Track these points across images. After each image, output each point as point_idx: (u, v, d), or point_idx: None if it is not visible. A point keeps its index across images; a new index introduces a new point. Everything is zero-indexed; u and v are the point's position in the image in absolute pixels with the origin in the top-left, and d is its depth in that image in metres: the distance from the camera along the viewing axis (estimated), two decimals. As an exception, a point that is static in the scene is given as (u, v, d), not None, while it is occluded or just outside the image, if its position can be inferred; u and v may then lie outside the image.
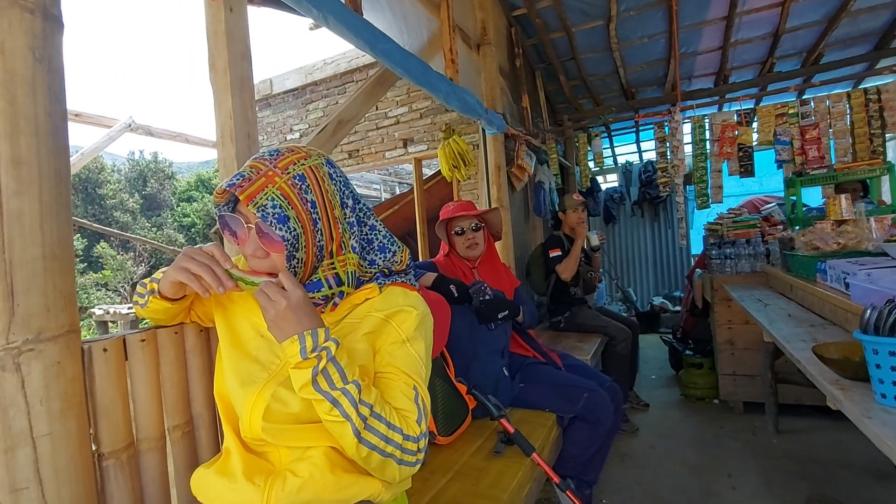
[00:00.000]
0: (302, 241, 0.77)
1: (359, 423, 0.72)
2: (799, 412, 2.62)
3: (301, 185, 0.77)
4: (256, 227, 0.77)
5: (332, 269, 0.83)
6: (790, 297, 2.12)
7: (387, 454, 0.74)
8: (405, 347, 0.83)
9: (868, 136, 2.96)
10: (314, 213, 0.78)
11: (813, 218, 2.47)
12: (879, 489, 1.93)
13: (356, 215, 0.86)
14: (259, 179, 0.75)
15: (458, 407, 1.54)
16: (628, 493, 2.08)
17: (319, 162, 0.82)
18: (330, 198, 0.81)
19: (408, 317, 0.85)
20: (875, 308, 0.90)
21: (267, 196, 0.74)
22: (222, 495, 0.80)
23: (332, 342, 0.73)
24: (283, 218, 0.74)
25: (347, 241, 0.84)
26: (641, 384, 3.39)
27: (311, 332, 0.72)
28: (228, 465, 0.82)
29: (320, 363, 0.71)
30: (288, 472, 0.78)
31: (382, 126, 4.12)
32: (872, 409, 0.89)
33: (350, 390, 0.72)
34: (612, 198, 6.39)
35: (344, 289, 0.84)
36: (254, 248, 0.78)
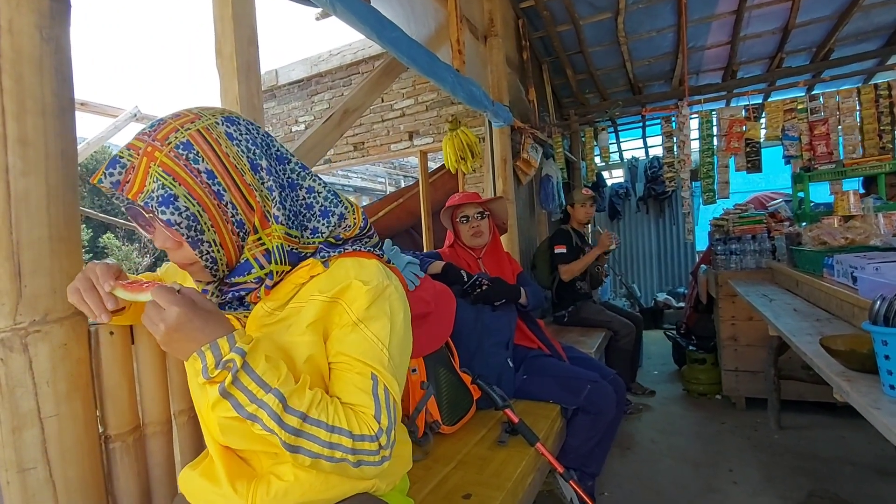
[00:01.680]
0: (205, 219, 0.65)
1: (287, 436, 0.63)
2: (801, 408, 2.62)
3: (187, 154, 0.64)
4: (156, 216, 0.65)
5: (260, 246, 0.71)
6: (796, 293, 2.10)
7: (336, 460, 0.65)
8: (357, 330, 0.72)
9: (877, 131, 2.93)
10: (213, 184, 0.65)
11: (820, 213, 2.45)
12: (883, 485, 1.93)
13: (281, 178, 0.72)
14: (141, 162, 0.64)
15: (463, 397, 1.55)
16: (630, 487, 2.08)
17: (212, 122, 0.68)
18: (233, 162, 0.67)
19: (358, 293, 0.72)
20: (885, 299, 0.90)
21: (152, 178, 0.63)
22: (206, 498, 0.77)
23: (236, 354, 0.62)
24: (168, 199, 0.62)
25: (270, 210, 0.70)
26: (644, 379, 3.39)
27: (211, 345, 0.61)
28: (213, 466, 0.78)
29: (227, 378, 0.61)
30: (271, 475, 0.74)
31: (388, 118, 4.11)
32: (880, 400, 0.89)
33: (269, 402, 0.62)
34: (617, 193, 6.37)
35: (273, 267, 0.71)
36: (162, 240, 0.68)
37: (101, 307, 0.68)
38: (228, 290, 0.73)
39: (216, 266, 0.69)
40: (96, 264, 0.72)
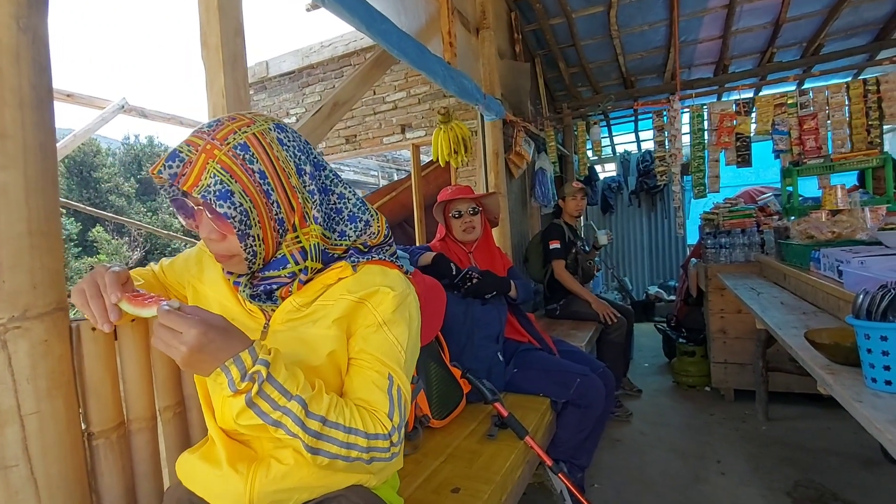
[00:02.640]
0: (254, 216, 0.70)
1: (310, 439, 0.66)
2: (789, 400, 2.65)
3: (244, 155, 0.70)
4: (205, 207, 0.70)
5: (297, 244, 0.76)
6: (783, 286, 2.12)
7: (352, 459, 0.69)
8: (381, 331, 0.77)
9: (865, 126, 2.95)
10: (264, 183, 0.71)
11: (808, 207, 2.47)
12: (866, 475, 1.96)
13: (319, 183, 0.78)
14: (199, 158, 0.68)
15: (453, 391, 1.55)
16: (619, 478, 2.10)
17: (266, 127, 0.73)
18: (283, 165, 0.73)
19: (385, 298, 0.78)
20: (868, 293, 0.90)
21: (209, 174, 0.67)
22: (207, 481, 0.78)
23: (260, 366, 0.64)
24: (225, 194, 0.67)
25: (310, 212, 0.76)
26: (635, 371, 3.42)
27: (234, 360, 0.63)
28: (213, 451, 0.80)
29: (254, 388, 0.64)
30: (272, 458, 0.76)
31: (380, 111, 4.07)
32: (863, 393, 0.90)
33: (292, 409, 0.65)
34: (609, 187, 6.38)
35: (308, 264, 0.77)
36: (208, 231, 0.72)
37: (104, 317, 0.71)
38: (260, 282, 0.77)
39: (255, 260, 0.73)
40: (105, 270, 0.74)
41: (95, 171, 14.05)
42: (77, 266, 12.27)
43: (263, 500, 0.74)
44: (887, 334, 0.86)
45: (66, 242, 12.17)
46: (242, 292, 0.78)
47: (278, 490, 0.74)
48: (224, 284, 0.84)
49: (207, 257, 0.88)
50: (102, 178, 14.06)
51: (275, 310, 0.79)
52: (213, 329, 0.62)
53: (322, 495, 0.77)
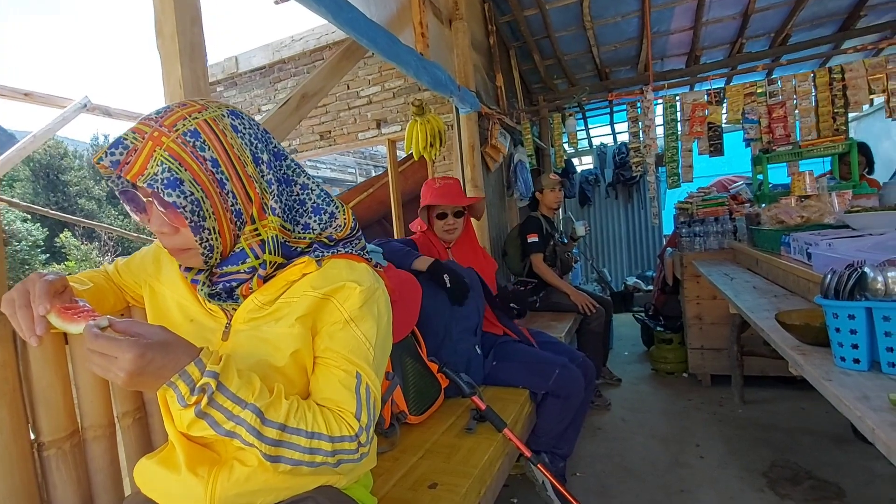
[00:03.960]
0: (207, 206, 0.66)
1: (267, 448, 0.63)
2: (763, 383, 2.70)
3: (195, 141, 0.66)
4: (154, 198, 0.66)
5: (256, 237, 0.72)
6: (755, 271, 2.16)
7: (317, 464, 0.67)
8: (348, 328, 0.74)
9: (831, 114, 3.02)
10: (217, 172, 0.67)
11: (778, 194, 2.52)
12: (838, 453, 2.01)
13: (279, 173, 0.75)
14: (145, 146, 0.64)
15: (430, 386, 1.53)
16: (601, 466, 2.11)
17: (219, 114, 0.70)
18: (237, 153, 0.69)
19: (351, 293, 0.75)
20: (836, 273, 0.91)
21: (156, 161, 0.63)
22: (166, 487, 0.75)
23: (209, 378, 0.60)
24: (174, 182, 0.63)
25: (268, 202, 0.72)
26: (614, 361, 3.45)
27: (181, 375, 0.59)
28: (172, 455, 0.76)
29: (203, 401, 0.60)
30: (235, 461, 0.73)
31: (354, 106, 4.02)
32: (832, 371, 0.91)
33: (246, 418, 0.62)
34: (587, 180, 6.44)
35: (267, 257, 0.73)
36: (159, 224, 0.68)
37: (31, 330, 0.66)
38: (219, 279, 0.74)
39: (211, 254, 0.69)
40: (39, 278, 0.68)
41: (63, 174, 13.60)
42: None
43: (226, 503, 0.71)
44: (854, 313, 0.87)
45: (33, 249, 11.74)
46: (201, 291, 0.74)
47: (241, 493, 0.71)
48: (182, 283, 0.79)
49: (165, 255, 0.84)
50: (71, 181, 13.62)
51: (236, 309, 0.75)
52: (150, 349, 0.58)
53: (289, 498, 0.74)
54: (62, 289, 0.70)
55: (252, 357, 0.72)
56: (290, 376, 0.74)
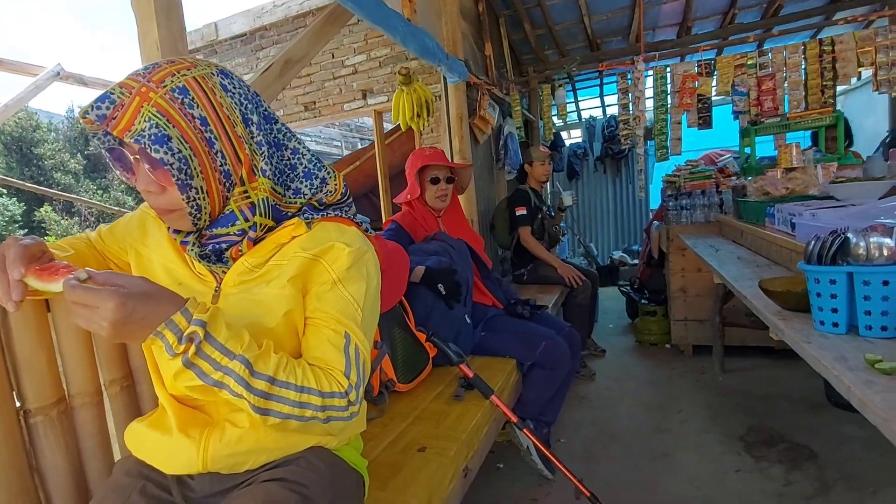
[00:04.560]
0: (195, 164, 0.65)
1: (256, 399, 0.63)
2: (744, 353, 2.78)
3: (183, 98, 0.64)
4: (141, 155, 0.64)
5: (246, 199, 0.71)
6: (740, 243, 2.19)
7: (306, 419, 0.66)
8: (336, 289, 0.74)
9: (820, 87, 3.03)
10: (206, 131, 0.66)
11: (765, 166, 2.54)
12: (812, 417, 2.09)
13: (269, 136, 0.74)
14: (133, 102, 0.62)
15: (418, 355, 1.54)
16: (586, 432, 2.17)
17: (208, 72, 0.68)
18: (226, 112, 0.68)
19: (340, 254, 0.75)
20: (819, 239, 0.93)
21: (143, 117, 0.62)
22: (157, 448, 0.75)
23: (197, 326, 0.60)
24: (161, 138, 0.62)
25: (258, 164, 0.71)
26: (599, 333, 3.51)
27: (167, 324, 0.58)
28: (163, 418, 0.77)
29: (191, 350, 0.60)
30: (227, 422, 0.73)
31: (339, 76, 3.90)
32: (811, 335, 0.93)
33: (234, 368, 0.62)
34: (575, 154, 6.41)
35: (257, 219, 0.72)
36: (146, 183, 0.66)
37: (6, 294, 0.62)
38: (209, 241, 0.73)
39: (199, 214, 0.68)
40: (13, 243, 0.65)
41: (36, 147, 13.14)
42: (25, 248, 11.58)
43: (218, 463, 0.71)
44: (836, 277, 0.89)
45: (10, 224, 11.43)
46: (191, 251, 0.73)
47: (233, 453, 0.71)
48: (170, 247, 0.78)
49: (151, 219, 0.82)
50: (45, 154, 13.18)
51: (226, 272, 0.75)
52: (131, 297, 0.56)
53: (281, 458, 0.74)
54: (39, 254, 0.67)
55: (243, 319, 0.72)
56: (281, 337, 0.74)
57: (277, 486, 0.68)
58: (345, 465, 0.79)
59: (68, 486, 0.87)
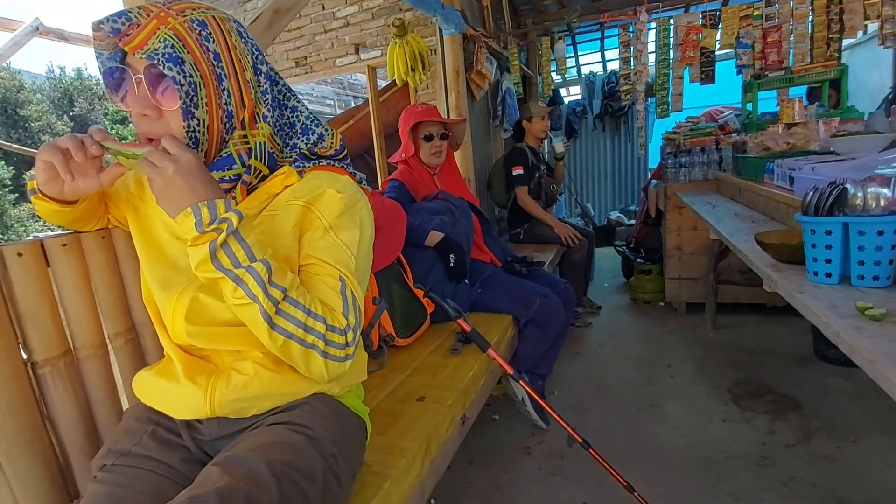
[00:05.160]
0: (202, 95, 0.66)
1: (268, 305, 0.64)
2: (736, 310, 2.83)
3: (201, 30, 0.66)
4: (146, 76, 0.65)
5: (244, 144, 0.72)
6: (738, 200, 2.19)
7: (308, 344, 0.68)
8: (328, 236, 0.75)
9: (826, 40, 2.95)
10: (218, 66, 0.67)
11: (766, 122, 2.50)
12: (798, 371, 2.16)
13: (273, 89, 0.75)
14: (150, 23, 0.63)
15: (416, 310, 1.56)
16: (578, 385, 2.24)
17: (225, 16, 0.70)
18: (239, 56, 0.69)
19: (331, 201, 0.75)
20: (817, 190, 0.93)
21: (159, 38, 0.62)
22: (165, 395, 0.77)
23: (233, 213, 0.63)
24: (176, 59, 0.62)
25: (260, 111, 0.72)
26: (595, 292, 3.56)
27: (208, 202, 0.62)
28: (170, 366, 0.78)
29: (220, 236, 0.62)
30: (232, 370, 0.75)
31: (331, 28, 3.75)
32: (804, 285, 0.95)
33: (257, 268, 0.64)
34: (574, 111, 6.28)
35: (253, 162, 0.73)
36: (142, 105, 0.66)
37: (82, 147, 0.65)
38: None
39: (196, 148, 0.69)
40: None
41: (21, 109, 12.79)
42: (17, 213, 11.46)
43: (225, 408, 0.73)
44: (832, 228, 0.90)
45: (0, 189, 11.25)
46: None
47: (239, 399, 0.73)
48: None
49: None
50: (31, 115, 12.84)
51: None
52: (203, 170, 0.63)
53: (286, 403, 0.77)
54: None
55: None
56: None
57: (284, 428, 0.71)
58: (347, 411, 0.82)
59: (80, 432, 0.90)
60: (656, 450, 1.71)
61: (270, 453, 0.64)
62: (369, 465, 0.89)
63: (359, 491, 0.83)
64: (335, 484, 0.70)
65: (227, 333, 0.75)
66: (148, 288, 0.81)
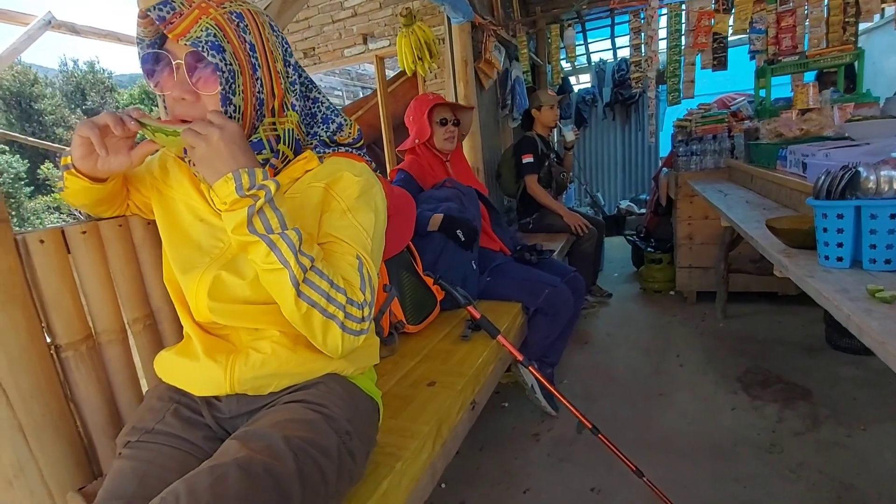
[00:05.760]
0: (239, 82, 0.70)
1: (298, 271, 0.67)
2: (746, 299, 2.81)
3: (239, 22, 0.70)
4: (186, 62, 0.68)
5: (273, 131, 0.77)
6: (750, 188, 2.17)
7: (329, 314, 0.70)
8: (346, 217, 0.78)
9: (842, 23, 2.87)
10: (253, 56, 0.71)
11: (780, 108, 2.46)
12: (808, 360, 2.15)
13: (299, 80, 0.80)
14: (192, 13, 0.67)
15: (426, 297, 1.58)
16: (586, 374, 2.25)
17: (260, 10, 0.75)
18: (271, 47, 0.74)
19: (349, 184, 0.80)
20: (829, 174, 0.92)
21: (201, 27, 0.66)
22: (186, 373, 0.79)
23: (272, 182, 0.66)
24: (218, 47, 0.67)
25: (289, 100, 0.78)
26: (605, 281, 3.56)
27: (248, 170, 0.65)
28: (190, 346, 0.81)
29: (258, 202, 0.65)
30: (250, 349, 0.77)
31: (339, 19, 3.75)
32: (815, 270, 0.95)
33: (290, 235, 0.67)
34: (584, 100, 6.21)
35: (282, 147, 0.78)
36: (181, 90, 0.69)
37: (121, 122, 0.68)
38: None
39: None
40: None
41: (36, 103, 12.96)
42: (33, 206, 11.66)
43: (244, 385, 0.76)
44: (843, 212, 0.89)
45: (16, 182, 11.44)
46: None
47: (257, 376, 0.76)
48: (190, 184, 0.82)
49: (171, 160, 0.86)
50: (45, 109, 13.01)
51: None
52: (245, 141, 0.66)
53: (302, 381, 0.79)
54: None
55: None
56: None
57: (300, 405, 0.73)
58: (360, 391, 0.84)
59: (102, 414, 0.93)
60: (664, 437, 1.72)
61: (288, 429, 0.67)
62: (382, 447, 0.92)
63: (372, 471, 0.85)
64: (349, 460, 0.72)
65: (246, 311, 0.77)
66: (170, 269, 0.83)
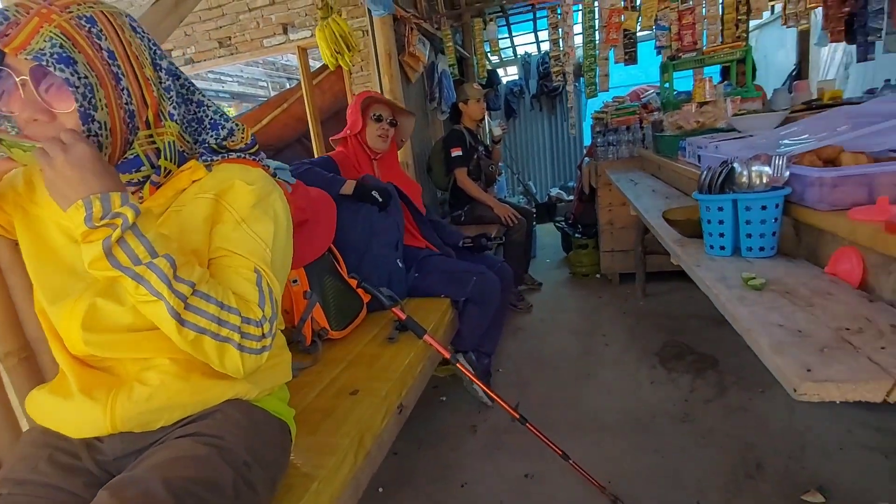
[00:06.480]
0: (101, 96, 0.62)
1: (175, 301, 0.62)
2: (663, 278, 3.01)
3: (91, 28, 0.62)
4: (33, 77, 0.60)
5: (151, 144, 0.70)
6: (658, 176, 2.32)
7: (222, 338, 0.65)
8: (240, 228, 0.72)
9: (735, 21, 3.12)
10: (114, 64, 0.64)
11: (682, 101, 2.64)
12: (717, 332, 2.34)
13: (177, 84, 0.73)
14: (30, 21, 0.58)
15: (351, 301, 1.55)
16: (520, 360, 2.33)
17: (117, 11, 0.67)
18: (135, 52, 0.66)
19: (241, 193, 0.74)
20: (710, 169, 0.99)
21: (43, 37, 0.58)
22: (59, 414, 0.72)
23: (129, 208, 0.59)
24: (67, 59, 0.58)
25: (165, 109, 0.70)
26: (538, 268, 3.68)
27: (101, 195, 0.58)
28: (64, 383, 0.73)
29: (114, 232, 0.59)
30: (135, 382, 0.71)
31: (255, 7, 3.54)
32: (702, 259, 1.02)
33: (159, 264, 0.61)
34: (512, 92, 6.35)
35: (162, 163, 0.70)
36: (31, 109, 0.61)
37: None
38: None
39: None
40: None
41: None
42: None
43: (128, 423, 0.70)
44: (722, 205, 0.97)
45: None
46: None
47: (144, 411, 0.70)
48: None
49: (38, 174, 0.75)
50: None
51: None
52: (100, 159, 0.59)
53: (197, 412, 0.74)
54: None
55: None
56: None
57: (191, 441, 0.68)
58: (265, 415, 0.80)
59: (-27, 462, 0.83)
60: (593, 416, 1.81)
61: (171, 470, 0.62)
62: (298, 467, 0.88)
63: (283, 495, 0.81)
64: (248, 492, 0.68)
65: (129, 340, 0.71)
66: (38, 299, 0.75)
